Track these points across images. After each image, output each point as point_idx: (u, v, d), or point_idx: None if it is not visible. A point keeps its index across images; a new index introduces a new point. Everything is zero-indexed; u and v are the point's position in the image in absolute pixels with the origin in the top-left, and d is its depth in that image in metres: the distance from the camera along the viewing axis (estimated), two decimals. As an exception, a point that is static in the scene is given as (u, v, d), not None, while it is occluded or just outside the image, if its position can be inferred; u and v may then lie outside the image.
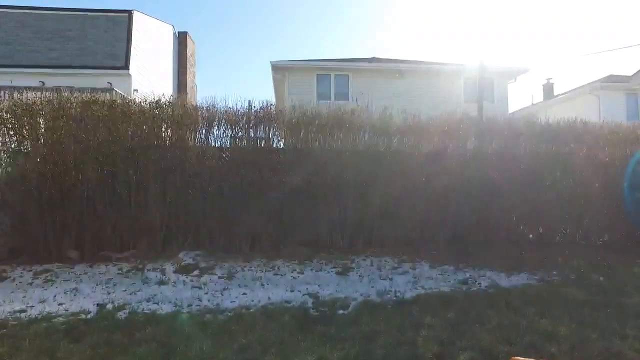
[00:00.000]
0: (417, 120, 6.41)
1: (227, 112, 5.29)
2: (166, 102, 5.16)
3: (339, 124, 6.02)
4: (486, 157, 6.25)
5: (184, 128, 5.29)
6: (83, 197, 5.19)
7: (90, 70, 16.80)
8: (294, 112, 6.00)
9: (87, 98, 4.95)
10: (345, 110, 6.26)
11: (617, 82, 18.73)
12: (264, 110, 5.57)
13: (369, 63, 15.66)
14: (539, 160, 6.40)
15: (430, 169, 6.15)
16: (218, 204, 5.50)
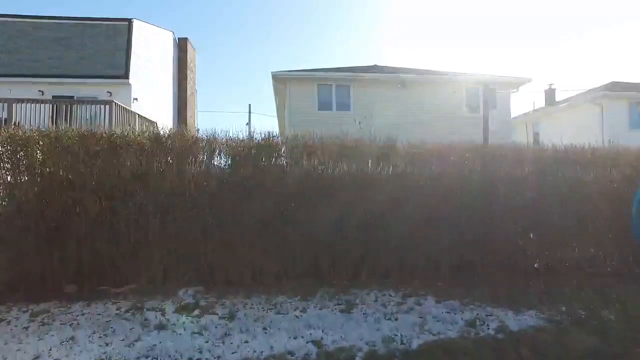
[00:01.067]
0: (421, 147, 6.28)
1: (228, 143, 5.18)
2: (165, 137, 5.03)
3: (343, 154, 5.90)
4: (491, 183, 6.14)
5: (184, 160, 5.18)
6: (81, 231, 5.09)
7: (89, 79, 16.72)
8: (295, 142, 5.88)
9: (84, 131, 4.83)
10: (349, 142, 6.11)
11: (620, 91, 18.59)
12: (266, 141, 5.45)
13: (371, 73, 15.57)
14: (546, 186, 6.29)
15: (434, 196, 6.03)
16: (219, 235, 5.40)
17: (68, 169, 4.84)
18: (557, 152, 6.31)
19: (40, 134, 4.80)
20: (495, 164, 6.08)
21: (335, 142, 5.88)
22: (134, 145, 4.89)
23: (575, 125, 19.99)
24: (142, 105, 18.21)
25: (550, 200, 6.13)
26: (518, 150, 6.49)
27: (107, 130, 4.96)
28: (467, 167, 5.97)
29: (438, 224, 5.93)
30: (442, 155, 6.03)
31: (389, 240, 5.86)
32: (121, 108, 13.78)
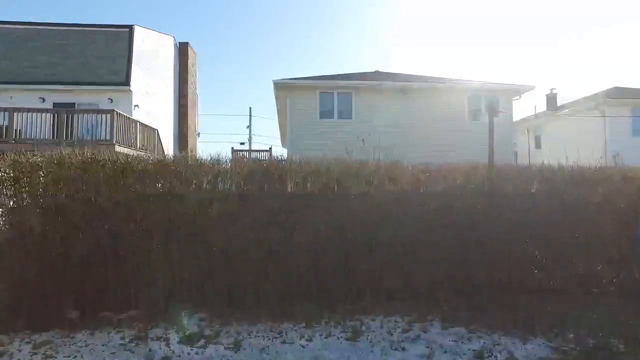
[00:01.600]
0: (427, 169, 6.23)
1: (232, 169, 5.14)
2: (170, 161, 4.98)
3: (348, 175, 5.85)
4: (498, 206, 6.09)
5: (188, 183, 5.13)
6: (83, 255, 5.05)
7: (91, 86, 16.67)
8: (300, 167, 5.83)
9: (87, 157, 4.78)
10: (354, 165, 6.05)
11: (623, 97, 18.53)
12: (272, 164, 5.40)
13: (373, 81, 15.49)
14: (551, 205, 6.24)
15: (439, 217, 5.99)
16: (223, 259, 5.35)
17: (71, 196, 4.79)
18: (563, 172, 6.25)
19: (44, 160, 4.74)
20: (501, 187, 6.02)
21: (339, 166, 5.80)
22: (137, 171, 4.84)
23: (578, 132, 19.93)
24: (143, 112, 18.17)
25: (557, 221, 6.08)
26: (524, 171, 6.42)
27: (110, 156, 4.90)
28: (473, 191, 5.91)
29: (443, 245, 5.88)
30: (448, 178, 5.96)
31: (393, 262, 5.82)
32: (122, 117, 13.74)
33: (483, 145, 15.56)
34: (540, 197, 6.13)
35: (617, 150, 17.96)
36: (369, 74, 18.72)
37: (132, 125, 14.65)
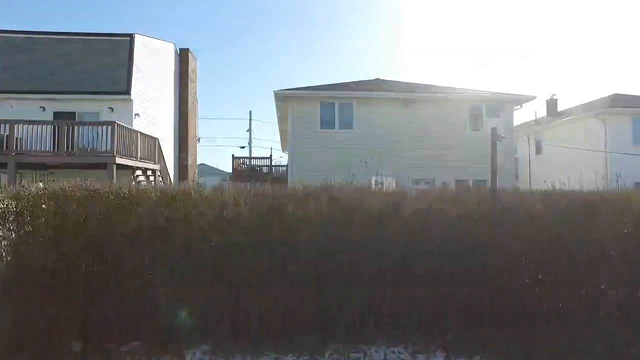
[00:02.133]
0: (429, 194, 6.22)
1: (236, 201, 5.12)
2: (173, 196, 4.96)
3: (351, 206, 5.83)
4: (501, 229, 6.08)
5: (190, 214, 5.12)
6: (87, 287, 5.05)
7: (91, 95, 16.67)
8: (304, 192, 5.82)
9: (89, 191, 4.77)
10: (358, 191, 6.04)
11: (623, 106, 18.52)
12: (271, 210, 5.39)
13: (374, 92, 15.49)
14: (555, 231, 6.23)
15: (443, 243, 5.98)
16: (224, 286, 5.35)
17: (73, 227, 4.78)
18: (566, 197, 6.24)
19: (46, 194, 4.74)
20: (504, 215, 6.01)
21: (344, 195, 5.79)
22: (141, 202, 4.84)
23: (578, 139, 19.94)
24: (144, 120, 18.17)
25: (561, 247, 6.08)
26: (527, 198, 6.42)
27: (113, 188, 4.88)
28: (476, 222, 5.89)
29: (446, 273, 5.87)
30: (451, 209, 5.94)
31: (396, 291, 5.81)
32: (123, 128, 13.74)
33: (484, 154, 15.60)
34: (543, 223, 6.11)
35: (618, 157, 17.99)
36: (370, 82, 18.72)
37: (133, 136, 14.65)
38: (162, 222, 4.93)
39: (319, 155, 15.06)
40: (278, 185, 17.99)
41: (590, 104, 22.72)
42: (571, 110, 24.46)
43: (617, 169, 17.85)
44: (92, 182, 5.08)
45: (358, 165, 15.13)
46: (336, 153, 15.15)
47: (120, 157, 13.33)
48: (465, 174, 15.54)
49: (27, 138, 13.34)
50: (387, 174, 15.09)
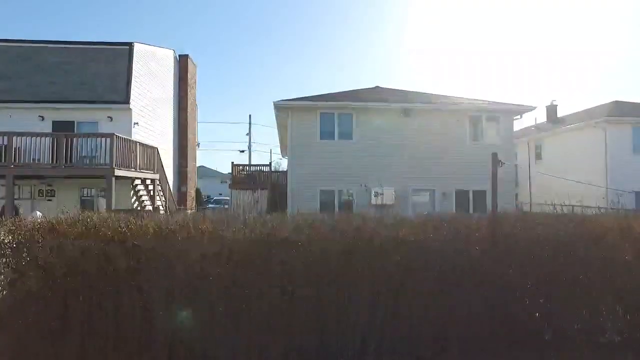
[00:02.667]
0: (429, 223, 6.17)
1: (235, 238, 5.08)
2: (168, 231, 4.91)
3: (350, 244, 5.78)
4: (500, 259, 6.04)
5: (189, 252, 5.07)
6: (85, 321, 5.01)
7: (90, 104, 16.61)
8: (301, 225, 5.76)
9: (84, 228, 4.73)
10: (356, 224, 5.97)
11: (623, 115, 18.48)
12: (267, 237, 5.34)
13: (374, 103, 15.44)
14: (557, 261, 6.20)
15: (442, 272, 5.93)
16: (223, 316, 5.31)
17: (71, 263, 4.74)
18: (567, 222, 6.20)
19: (44, 229, 4.70)
20: (505, 245, 5.97)
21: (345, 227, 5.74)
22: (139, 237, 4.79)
23: (578, 146, 19.92)
24: (143, 128, 18.13)
25: (562, 277, 6.04)
26: (528, 218, 6.36)
27: (111, 223, 4.84)
28: (477, 252, 5.83)
29: (448, 303, 5.83)
30: (452, 242, 5.87)
31: (396, 316, 5.77)
32: (122, 140, 13.71)
33: (484, 164, 15.52)
34: (544, 248, 6.08)
35: (618, 165, 17.96)
36: (369, 90, 18.67)
37: (132, 147, 14.61)
38: (157, 260, 4.88)
39: (319, 165, 15.02)
40: (278, 193, 17.72)
41: (591, 111, 22.68)
42: (571, 116, 24.43)
43: (617, 177, 17.89)
44: (90, 216, 5.04)
45: (358, 176, 15.14)
46: (336, 163, 15.11)
47: (119, 168, 13.29)
48: (465, 184, 15.50)
49: (25, 148, 13.30)
50: (386, 184, 15.08)
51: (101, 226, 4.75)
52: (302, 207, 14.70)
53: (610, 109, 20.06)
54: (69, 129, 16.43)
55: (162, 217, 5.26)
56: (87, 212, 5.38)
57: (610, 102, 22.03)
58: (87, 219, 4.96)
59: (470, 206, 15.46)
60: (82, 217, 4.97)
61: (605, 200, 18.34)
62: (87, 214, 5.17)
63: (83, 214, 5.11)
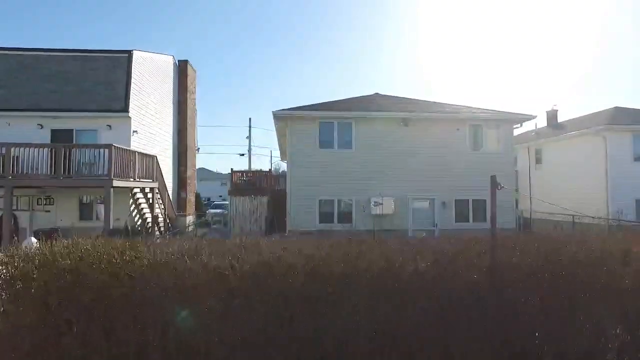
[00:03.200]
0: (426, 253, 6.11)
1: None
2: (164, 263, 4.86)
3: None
4: (499, 289, 5.99)
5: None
6: (79, 352, 4.96)
7: (89, 113, 16.57)
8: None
9: (77, 259, 4.68)
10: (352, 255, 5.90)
11: (623, 123, 18.41)
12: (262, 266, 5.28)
13: (373, 112, 15.39)
14: (557, 288, 6.16)
15: (440, 298, 5.88)
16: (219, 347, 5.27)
17: (65, 295, 4.70)
18: (566, 253, 6.16)
19: (39, 264, 4.65)
20: (504, 272, 5.92)
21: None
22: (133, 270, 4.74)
23: (578, 153, 19.85)
24: (142, 136, 18.10)
25: (562, 303, 5.99)
26: (527, 241, 6.32)
27: (106, 254, 4.78)
28: (475, 285, 5.77)
29: (448, 328, 5.78)
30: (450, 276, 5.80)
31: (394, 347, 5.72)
32: (120, 150, 13.66)
33: (484, 173, 15.48)
34: (544, 276, 6.02)
35: (619, 173, 17.88)
36: (369, 97, 18.62)
37: (130, 157, 14.57)
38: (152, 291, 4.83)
39: (318, 174, 14.98)
40: (277, 200, 17.57)
41: (591, 117, 22.62)
42: (572, 122, 24.36)
43: (618, 184, 17.83)
44: (84, 245, 5.00)
45: (357, 185, 15.09)
46: (335, 173, 15.07)
47: (118, 179, 13.25)
48: (464, 193, 15.46)
49: (23, 158, 13.26)
50: (386, 193, 15.04)
51: (95, 259, 4.70)
52: (302, 217, 14.73)
53: (611, 115, 19.99)
54: (68, 137, 16.40)
55: (158, 245, 5.18)
56: (83, 239, 5.32)
57: (611, 109, 21.97)
58: (81, 249, 4.91)
59: (470, 215, 15.41)
60: (75, 248, 4.91)
61: (606, 208, 18.31)
62: (82, 243, 5.11)
63: (77, 243, 5.04)
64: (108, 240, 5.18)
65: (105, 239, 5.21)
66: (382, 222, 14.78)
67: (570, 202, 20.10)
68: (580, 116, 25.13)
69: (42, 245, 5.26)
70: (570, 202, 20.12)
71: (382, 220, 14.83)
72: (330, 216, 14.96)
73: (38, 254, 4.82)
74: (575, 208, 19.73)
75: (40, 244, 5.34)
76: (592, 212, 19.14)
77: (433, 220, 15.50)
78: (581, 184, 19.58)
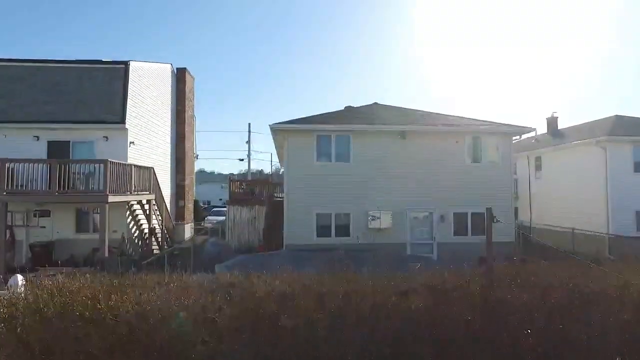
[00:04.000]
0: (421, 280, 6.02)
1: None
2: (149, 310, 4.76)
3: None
4: (495, 325, 5.88)
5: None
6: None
7: (85, 125, 16.49)
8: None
9: (61, 306, 4.58)
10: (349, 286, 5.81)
11: (624, 134, 18.26)
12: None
13: (372, 125, 15.27)
14: (555, 313, 6.04)
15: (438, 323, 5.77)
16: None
17: (49, 341, 4.60)
18: (562, 293, 6.05)
19: (24, 308, 4.56)
20: (501, 309, 5.81)
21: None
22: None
23: (578, 165, 19.71)
24: (139, 147, 18.01)
25: (561, 341, 5.88)
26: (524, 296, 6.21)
27: (90, 298, 4.69)
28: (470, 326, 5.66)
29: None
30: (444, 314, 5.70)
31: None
32: (116, 165, 13.58)
33: (483, 186, 15.32)
34: (542, 311, 5.91)
35: (619, 183, 17.72)
36: (367, 107, 18.51)
37: (127, 170, 14.49)
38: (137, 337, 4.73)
39: (316, 188, 14.87)
40: (275, 209, 17.35)
41: (591, 125, 22.46)
42: (572, 130, 24.20)
43: (618, 195, 17.67)
44: (70, 286, 4.90)
45: (355, 199, 14.97)
46: (333, 186, 14.96)
47: (113, 195, 13.17)
48: (463, 207, 15.34)
49: (18, 173, 13.18)
50: (384, 207, 14.91)
51: (79, 305, 4.60)
52: (299, 231, 14.62)
53: (611, 125, 19.81)
54: (65, 149, 16.31)
55: (145, 292, 5.04)
56: (68, 280, 5.22)
57: (611, 117, 21.79)
58: (67, 292, 4.81)
59: (469, 229, 15.28)
60: (60, 293, 4.81)
61: (606, 219, 18.15)
62: (67, 285, 5.01)
63: (62, 288, 4.94)
64: (92, 285, 5.05)
65: (90, 283, 5.09)
66: (379, 236, 14.67)
67: (570, 211, 19.98)
68: (580, 124, 24.97)
69: (26, 288, 5.17)
70: (570, 210, 20.00)
71: (379, 233, 14.73)
72: (327, 230, 14.86)
73: (22, 301, 4.73)
74: (575, 217, 19.59)
75: (25, 286, 5.25)
76: (591, 222, 19.00)
77: (431, 233, 15.39)
78: (581, 194, 19.44)
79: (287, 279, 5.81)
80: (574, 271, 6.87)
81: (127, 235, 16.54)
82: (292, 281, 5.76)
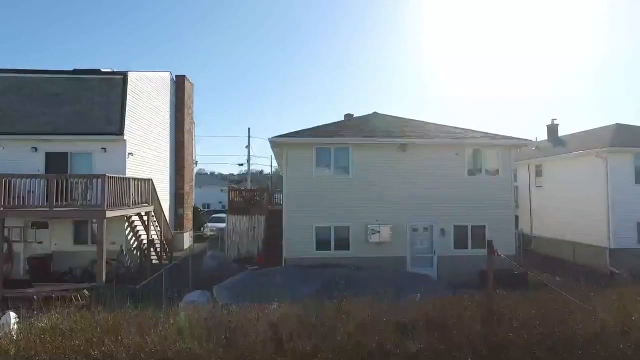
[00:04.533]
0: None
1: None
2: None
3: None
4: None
5: None
6: None
7: (84, 136, 16.39)
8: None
9: (58, 346, 4.50)
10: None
11: (625, 143, 18.15)
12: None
13: (371, 138, 15.17)
14: (552, 349, 5.96)
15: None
16: None
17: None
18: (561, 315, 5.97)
19: (15, 354, 4.47)
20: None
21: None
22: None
23: (578, 175, 19.60)
24: (138, 157, 17.92)
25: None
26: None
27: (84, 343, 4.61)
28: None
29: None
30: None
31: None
32: (113, 179, 13.49)
33: (483, 199, 15.18)
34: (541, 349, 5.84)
35: (620, 193, 17.60)
36: (367, 118, 18.40)
37: (124, 184, 14.39)
38: None
39: (315, 201, 14.79)
40: (275, 220, 17.21)
41: (592, 134, 22.36)
42: (572, 138, 24.10)
43: (619, 206, 17.55)
44: (62, 329, 4.81)
45: (354, 212, 14.88)
46: (332, 199, 14.88)
47: (111, 209, 13.09)
48: (464, 219, 15.26)
49: (16, 185, 13.09)
50: (383, 220, 14.82)
51: (72, 352, 4.52)
52: (298, 245, 14.53)
53: (612, 134, 19.69)
54: (63, 160, 16.23)
55: (139, 334, 4.96)
56: (61, 318, 5.14)
57: (612, 126, 21.67)
58: (59, 336, 4.73)
59: (469, 242, 15.20)
60: (52, 332, 4.74)
61: (607, 230, 18.02)
62: (60, 325, 4.93)
63: (55, 326, 4.87)
64: (85, 328, 4.97)
65: (83, 325, 5.01)
66: (379, 249, 14.61)
67: (570, 221, 19.88)
68: (580, 131, 24.86)
69: (19, 326, 5.09)
70: (570, 220, 19.90)
71: (379, 247, 14.66)
72: (327, 244, 14.77)
73: (13, 345, 4.64)
74: (575, 227, 19.51)
75: (18, 323, 5.17)
76: (592, 232, 18.90)
77: (431, 246, 15.30)
78: (582, 203, 19.33)
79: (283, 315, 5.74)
80: (572, 307, 6.73)
81: (126, 247, 16.47)
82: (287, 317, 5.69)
